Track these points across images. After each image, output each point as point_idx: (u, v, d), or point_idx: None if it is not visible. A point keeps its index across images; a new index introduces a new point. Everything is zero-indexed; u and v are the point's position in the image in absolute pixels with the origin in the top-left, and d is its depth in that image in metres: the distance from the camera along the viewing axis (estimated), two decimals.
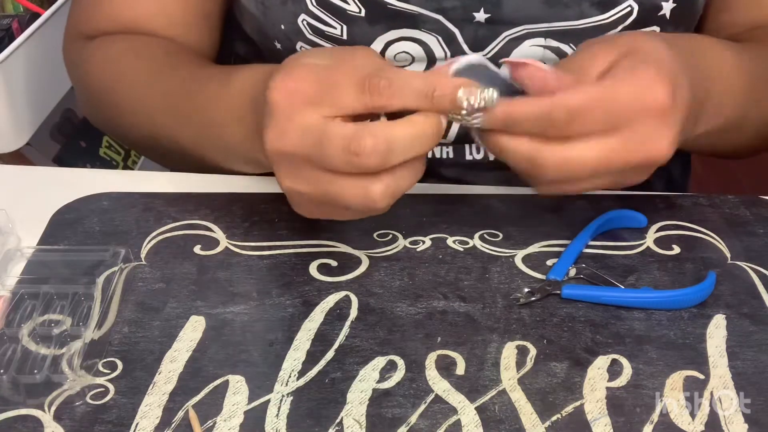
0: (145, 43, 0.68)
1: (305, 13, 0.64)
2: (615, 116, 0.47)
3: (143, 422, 0.46)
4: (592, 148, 0.47)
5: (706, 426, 0.47)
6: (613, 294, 0.55)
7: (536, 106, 0.46)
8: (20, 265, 0.57)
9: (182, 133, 0.62)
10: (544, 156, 0.47)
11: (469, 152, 0.71)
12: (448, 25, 0.63)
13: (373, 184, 0.46)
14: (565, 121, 0.46)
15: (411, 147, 0.46)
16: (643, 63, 0.48)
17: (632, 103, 0.47)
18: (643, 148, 0.48)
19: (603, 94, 0.47)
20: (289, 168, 0.48)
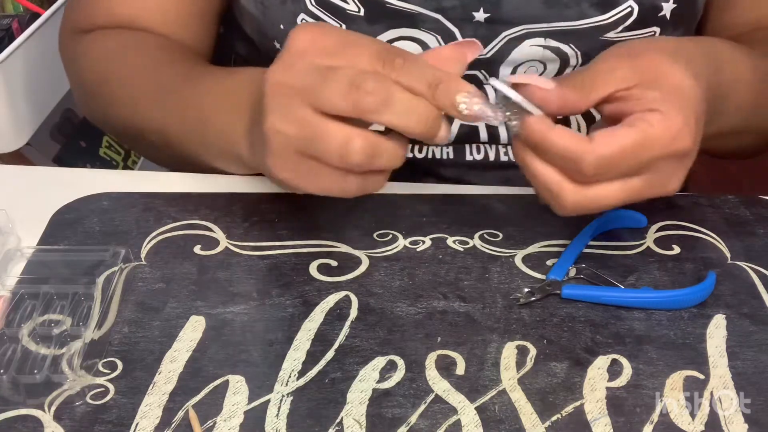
0: (139, 38, 0.68)
1: (304, 13, 0.64)
2: (639, 166, 0.48)
3: (143, 422, 0.46)
4: (614, 189, 0.49)
5: (706, 426, 0.47)
6: (613, 294, 0.55)
7: (571, 145, 0.47)
8: (20, 265, 0.57)
9: (170, 128, 0.62)
10: (565, 193, 0.49)
11: (469, 152, 0.71)
12: (448, 25, 0.63)
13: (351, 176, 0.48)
14: (593, 171, 0.47)
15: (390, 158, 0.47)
16: (672, 107, 0.48)
17: (660, 152, 0.48)
18: (660, 187, 0.50)
19: (634, 145, 0.47)
20: (281, 102, 0.47)
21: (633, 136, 0.47)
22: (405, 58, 0.46)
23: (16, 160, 0.91)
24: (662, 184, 0.50)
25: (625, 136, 0.47)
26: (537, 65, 0.65)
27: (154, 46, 0.67)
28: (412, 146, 0.71)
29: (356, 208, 0.62)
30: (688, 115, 0.48)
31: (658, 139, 0.48)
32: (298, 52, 0.47)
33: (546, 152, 0.48)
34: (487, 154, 0.71)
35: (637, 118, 0.48)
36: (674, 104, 0.48)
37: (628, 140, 0.47)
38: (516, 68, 0.66)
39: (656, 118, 0.48)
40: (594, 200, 0.49)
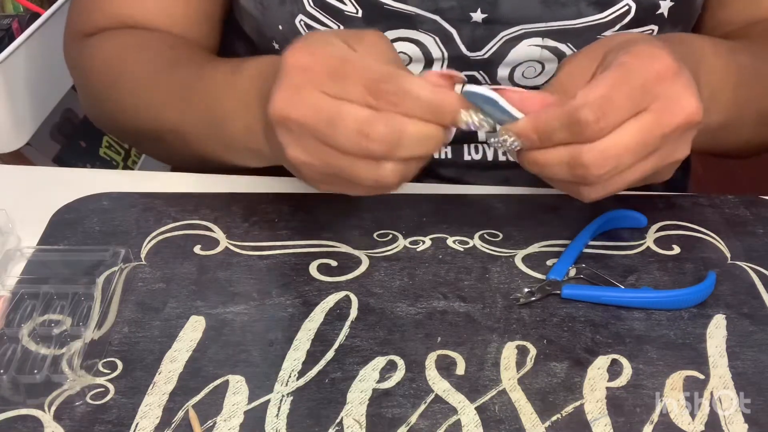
0: (147, 37, 0.68)
1: (303, 14, 0.64)
2: (638, 94, 0.47)
3: (143, 422, 0.46)
4: (628, 131, 0.47)
5: (706, 426, 0.46)
6: (613, 294, 0.55)
7: (561, 112, 0.46)
8: (20, 265, 0.57)
9: (187, 126, 0.61)
10: (584, 155, 0.47)
11: (468, 152, 0.71)
12: (445, 26, 0.63)
13: (384, 163, 0.47)
14: (595, 119, 0.46)
15: (418, 145, 0.47)
16: (635, 43, 0.48)
17: (647, 75, 0.47)
18: (676, 112, 0.48)
19: (617, 78, 0.47)
20: (293, 137, 0.48)
21: (612, 73, 0.47)
22: (397, 85, 0.46)
23: (16, 160, 0.91)
24: (674, 108, 0.47)
25: (605, 77, 0.47)
26: (535, 65, 0.65)
27: (162, 45, 0.67)
28: None
29: (356, 208, 0.62)
30: (652, 43, 0.49)
31: (637, 65, 0.47)
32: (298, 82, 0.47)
33: (547, 137, 0.47)
34: (485, 153, 0.71)
35: (611, 62, 0.48)
36: (634, 42, 0.49)
37: (608, 78, 0.47)
38: (514, 68, 0.66)
39: (627, 55, 0.48)
40: (614, 148, 0.47)
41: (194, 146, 0.62)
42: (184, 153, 0.64)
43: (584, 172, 0.47)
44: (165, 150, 0.69)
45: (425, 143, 0.47)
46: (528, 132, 0.47)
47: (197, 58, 0.65)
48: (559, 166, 0.48)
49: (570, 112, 0.46)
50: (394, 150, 0.46)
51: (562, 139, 0.47)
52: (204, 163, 0.64)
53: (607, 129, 0.46)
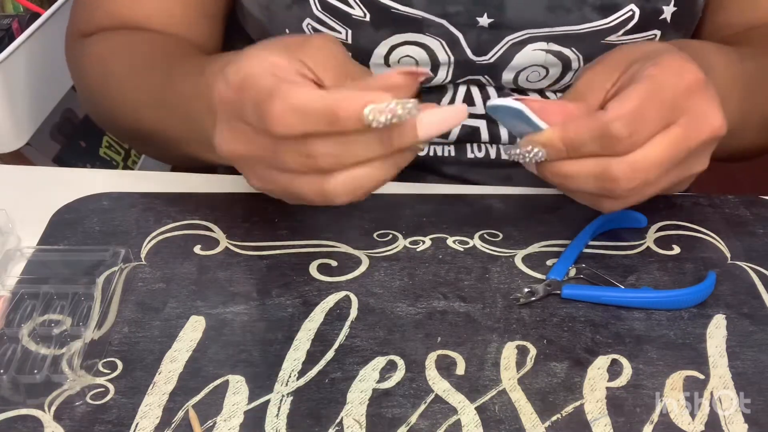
0: (140, 37, 0.67)
1: (310, 18, 0.64)
2: (668, 107, 0.47)
3: (143, 422, 0.46)
4: (658, 145, 0.47)
5: (706, 426, 0.47)
6: (613, 294, 0.55)
7: (591, 124, 0.46)
8: (20, 265, 0.57)
9: (168, 127, 0.61)
10: (613, 168, 0.47)
11: (471, 151, 0.71)
12: (452, 30, 0.63)
13: (328, 182, 0.46)
14: (628, 133, 0.46)
15: (365, 150, 0.45)
16: (661, 55, 0.49)
17: (676, 89, 0.47)
18: (704, 127, 0.48)
19: (648, 92, 0.47)
20: (249, 169, 0.49)
21: (643, 86, 0.47)
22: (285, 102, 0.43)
23: (16, 160, 0.91)
24: (702, 121, 0.48)
25: (637, 90, 0.47)
26: (539, 69, 0.65)
27: (150, 45, 0.67)
28: None
29: (356, 208, 0.62)
30: (680, 54, 0.49)
31: (667, 78, 0.47)
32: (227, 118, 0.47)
33: (575, 148, 0.47)
34: (488, 152, 0.71)
35: (638, 76, 0.48)
36: (660, 53, 0.49)
37: (640, 92, 0.47)
38: (518, 73, 0.66)
39: (654, 68, 0.48)
40: (643, 162, 0.47)
41: (179, 146, 0.62)
42: (173, 153, 0.64)
43: (613, 185, 0.47)
44: (156, 150, 0.69)
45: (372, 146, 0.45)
46: (556, 143, 0.47)
47: (178, 58, 0.65)
48: (587, 178, 0.48)
49: (602, 126, 0.46)
50: (342, 159, 0.45)
51: (592, 151, 0.47)
52: (194, 160, 0.64)
53: (639, 144, 0.47)
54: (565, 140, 0.47)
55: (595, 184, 0.48)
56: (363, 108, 0.42)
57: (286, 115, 0.43)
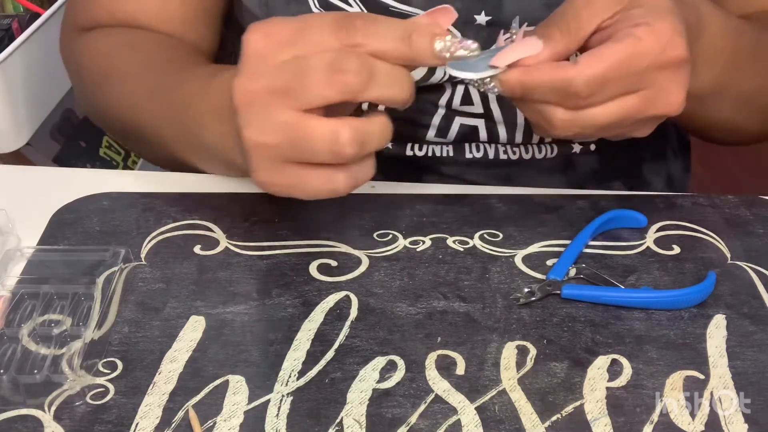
0: (139, 36, 0.67)
1: None
2: (636, 77, 0.47)
3: (143, 422, 0.46)
4: (607, 109, 0.47)
5: (706, 426, 0.46)
6: (613, 294, 0.55)
7: (554, 76, 0.46)
8: (20, 265, 0.57)
9: (164, 130, 0.61)
10: (555, 116, 0.48)
11: (469, 150, 0.71)
12: (450, 28, 0.63)
13: (338, 174, 0.47)
14: (587, 94, 0.46)
15: (380, 139, 0.47)
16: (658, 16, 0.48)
17: (653, 61, 0.47)
18: (659, 103, 0.48)
19: (624, 56, 0.46)
20: (266, 160, 0.48)
21: (621, 50, 0.46)
22: (364, 18, 0.45)
23: (16, 160, 0.91)
24: (661, 99, 0.48)
25: (613, 53, 0.46)
26: None
27: (151, 44, 0.67)
28: (411, 144, 0.71)
29: (356, 208, 0.62)
30: (676, 24, 0.48)
31: (648, 50, 0.46)
32: (258, 55, 0.46)
33: (533, 95, 0.47)
34: (486, 152, 0.71)
35: (624, 34, 0.47)
36: (660, 15, 0.48)
37: (616, 56, 0.46)
38: None
39: (643, 31, 0.47)
40: (587, 121, 0.48)
41: (172, 150, 0.62)
42: (165, 156, 0.64)
43: (550, 128, 0.49)
44: (149, 151, 0.69)
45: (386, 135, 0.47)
46: (515, 85, 0.47)
47: (181, 60, 0.65)
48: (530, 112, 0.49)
49: (566, 80, 0.46)
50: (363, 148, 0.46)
51: (549, 99, 0.47)
52: (183, 164, 0.64)
53: (593, 105, 0.47)
54: (523, 84, 0.47)
55: (535, 118, 0.49)
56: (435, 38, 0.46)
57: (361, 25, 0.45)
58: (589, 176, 0.74)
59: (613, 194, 0.64)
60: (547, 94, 0.47)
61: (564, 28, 0.48)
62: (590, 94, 0.46)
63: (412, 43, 0.45)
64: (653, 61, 0.47)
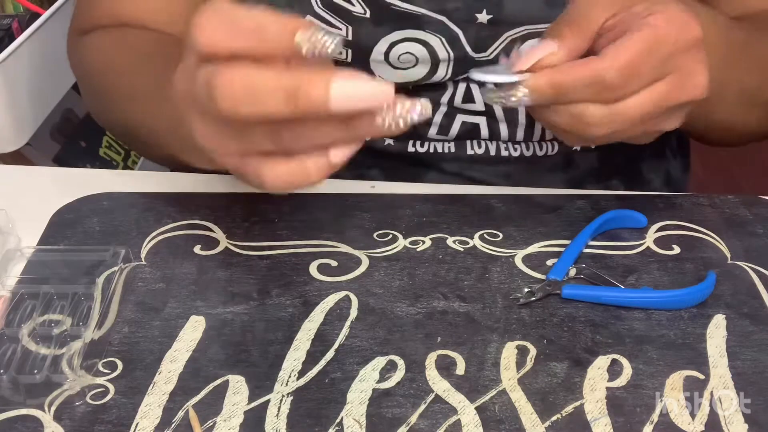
0: (139, 34, 0.67)
1: (310, 15, 0.64)
2: (662, 63, 0.47)
3: (143, 422, 0.46)
4: (640, 99, 0.47)
5: (706, 426, 0.46)
6: (613, 294, 0.55)
7: (586, 70, 0.46)
8: (20, 265, 0.57)
9: (159, 125, 0.60)
10: (589, 113, 0.47)
11: (471, 147, 0.71)
12: (451, 26, 0.63)
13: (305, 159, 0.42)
14: (621, 83, 0.46)
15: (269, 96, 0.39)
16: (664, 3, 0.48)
17: (676, 44, 0.47)
18: (688, 89, 0.48)
19: (648, 43, 0.46)
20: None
21: (643, 38, 0.46)
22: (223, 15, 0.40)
23: (16, 160, 0.91)
24: (689, 81, 0.48)
25: (636, 41, 0.46)
26: None
27: (151, 41, 0.66)
28: (413, 141, 0.71)
29: (356, 208, 0.62)
30: (683, 8, 0.48)
31: (667, 34, 0.47)
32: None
33: (565, 94, 0.47)
34: (488, 149, 0.71)
35: (640, 25, 0.47)
36: (666, 3, 0.48)
37: (639, 44, 0.46)
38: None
39: (658, 18, 0.47)
40: (622, 115, 0.47)
41: (166, 146, 0.61)
42: (157, 152, 0.64)
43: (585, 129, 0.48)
44: (148, 149, 0.69)
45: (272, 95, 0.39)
46: (544, 87, 0.47)
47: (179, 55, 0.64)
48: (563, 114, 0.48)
49: (597, 73, 0.46)
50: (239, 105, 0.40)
51: (581, 96, 0.47)
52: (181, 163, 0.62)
53: (627, 95, 0.47)
54: (554, 85, 0.47)
55: (569, 121, 0.48)
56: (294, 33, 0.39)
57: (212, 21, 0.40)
58: (588, 174, 0.74)
59: (613, 194, 0.64)
60: (581, 90, 0.47)
61: (574, 27, 0.49)
62: (623, 84, 0.46)
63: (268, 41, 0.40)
64: (674, 44, 0.47)
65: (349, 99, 0.39)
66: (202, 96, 0.41)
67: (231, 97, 0.39)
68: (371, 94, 0.39)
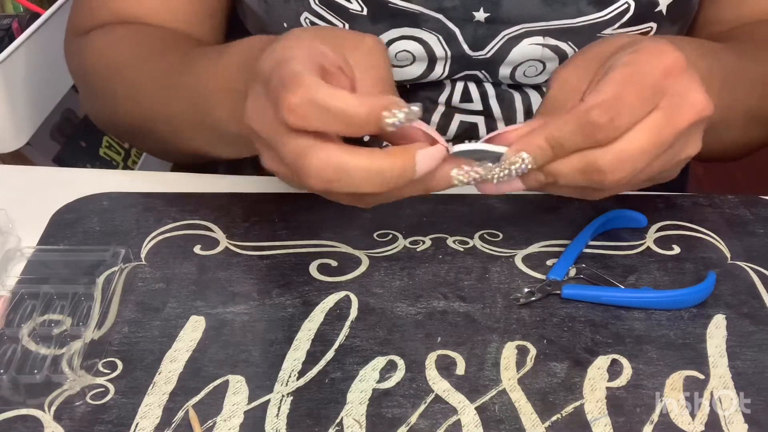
0: (139, 28, 0.67)
1: (308, 11, 0.64)
2: (648, 93, 0.46)
3: (143, 422, 0.46)
4: (641, 131, 0.46)
5: (706, 426, 0.47)
6: (613, 294, 0.55)
7: (574, 115, 0.46)
8: (20, 265, 0.57)
9: (175, 113, 0.61)
10: (598, 161, 0.46)
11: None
12: (449, 24, 0.63)
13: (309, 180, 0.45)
14: (608, 119, 0.45)
15: (363, 182, 0.44)
16: (640, 41, 0.48)
17: (655, 72, 0.46)
18: (686, 108, 0.47)
19: (625, 76, 0.46)
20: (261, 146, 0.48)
21: (620, 72, 0.46)
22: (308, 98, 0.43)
23: (16, 160, 0.91)
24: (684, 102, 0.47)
25: (614, 77, 0.46)
26: (536, 64, 0.65)
27: (155, 33, 0.66)
28: None
29: (356, 208, 0.62)
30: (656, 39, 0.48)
31: (645, 62, 0.46)
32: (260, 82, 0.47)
33: (560, 145, 0.46)
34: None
35: (615, 65, 0.47)
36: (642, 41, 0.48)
37: (617, 78, 0.46)
38: (515, 68, 0.66)
39: (633, 54, 0.47)
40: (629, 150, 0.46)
41: (183, 135, 0.61)
42: (176, 144, 0.63)
43: (601, 177, 0.46)
44: (159, 143, 0.68)
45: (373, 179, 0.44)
46: (540, 143, 0.46)
47: (185, 45, 0.65)
48: (574, 174, 0.47)
49: (581, 115, 0.45)
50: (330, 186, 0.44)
51: (576, 145, 0.46)
52: (196, 154, 0.63)
53: (621, 129, 0.46)
54: (548, 139, 0.46)
55: (583, 177, 0.47)
56: (380, 112, 0.43)
57: (304, 106, 0.43)
58: None
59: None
60: (574, 138, 0.46)
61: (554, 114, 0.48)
62: (611, 119, 0.45)
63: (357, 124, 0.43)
64: (654, 72, 0.46)
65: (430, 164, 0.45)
66: (291, 165, 0.45)
67: (324, 179, 0.44)
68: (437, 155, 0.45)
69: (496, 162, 0.47)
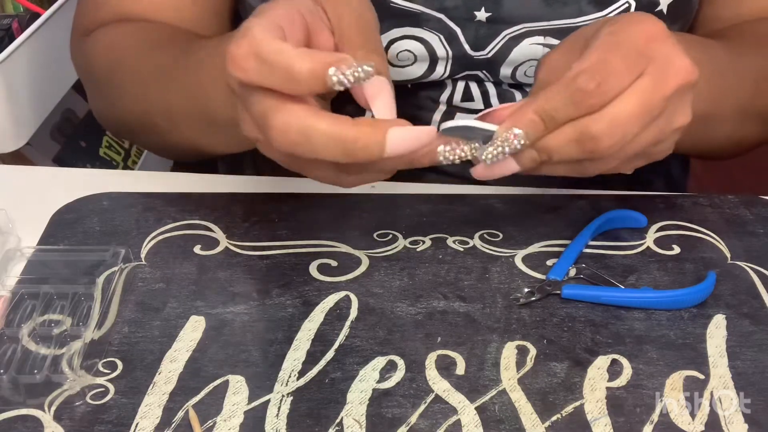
0: (144, 25, 0.67)
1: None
2: (633, 57, 0.46)
3: (143, 422, 0.46)
4: (630, 96, 0.46)
5: (706, 426, 0.47)
6: (613, 294, 0.55)
7: (562, 84, 0.46)
8: (20, 265, 0.57)
9: (174, 105, 0.60)
10: (591, 127, 0.46)
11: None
12: (450, 24, 0.63)
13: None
14: (595, 84, 0.45)
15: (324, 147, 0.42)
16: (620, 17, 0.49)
17: (637, 38, 0.46)
18: (673, 72, 0.47)
19: (609, 44, 0.46)
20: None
21: (603, 41, 0.46)
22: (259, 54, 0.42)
23: (16, 160, 0.91)
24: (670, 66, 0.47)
25: (598, 46, 0.46)
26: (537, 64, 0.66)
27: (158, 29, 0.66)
28: None
29: (356, 208, 0.62)
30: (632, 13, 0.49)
31: (625, 31, 0.46)
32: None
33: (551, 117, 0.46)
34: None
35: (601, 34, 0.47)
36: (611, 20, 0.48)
37: (602, 46, 0.46)
38: (516, 68, 0.66)
39: (614, 25, 0.47)
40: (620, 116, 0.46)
41: (181, 127, 0.61)
42: (175, 138, 0.63)
43: (594, 144, 0.46)
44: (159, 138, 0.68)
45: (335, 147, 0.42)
46: (531, 116, 0.46)
47: (185, 37, 0.65)
48: (569, 145, 0.47)
49: (568, 83, 0.45)
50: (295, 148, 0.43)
51: (567, 115, 0.46)
52: (194, 148, 0.63)
53: (609, 95, 0.46)
54: (538, 111, 0.46)
55: (577, 148, 0.47)
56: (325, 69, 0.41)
57: (245, 58, 0.42)
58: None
59: (613, 194, 0.64)
60: (565, 108, 0.46)
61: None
62: (598, 83, 0.45)
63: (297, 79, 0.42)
64: (637, 38, 0.46)
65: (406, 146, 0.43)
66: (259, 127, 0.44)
67: (287, 142, 0.42)
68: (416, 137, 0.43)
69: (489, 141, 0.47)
